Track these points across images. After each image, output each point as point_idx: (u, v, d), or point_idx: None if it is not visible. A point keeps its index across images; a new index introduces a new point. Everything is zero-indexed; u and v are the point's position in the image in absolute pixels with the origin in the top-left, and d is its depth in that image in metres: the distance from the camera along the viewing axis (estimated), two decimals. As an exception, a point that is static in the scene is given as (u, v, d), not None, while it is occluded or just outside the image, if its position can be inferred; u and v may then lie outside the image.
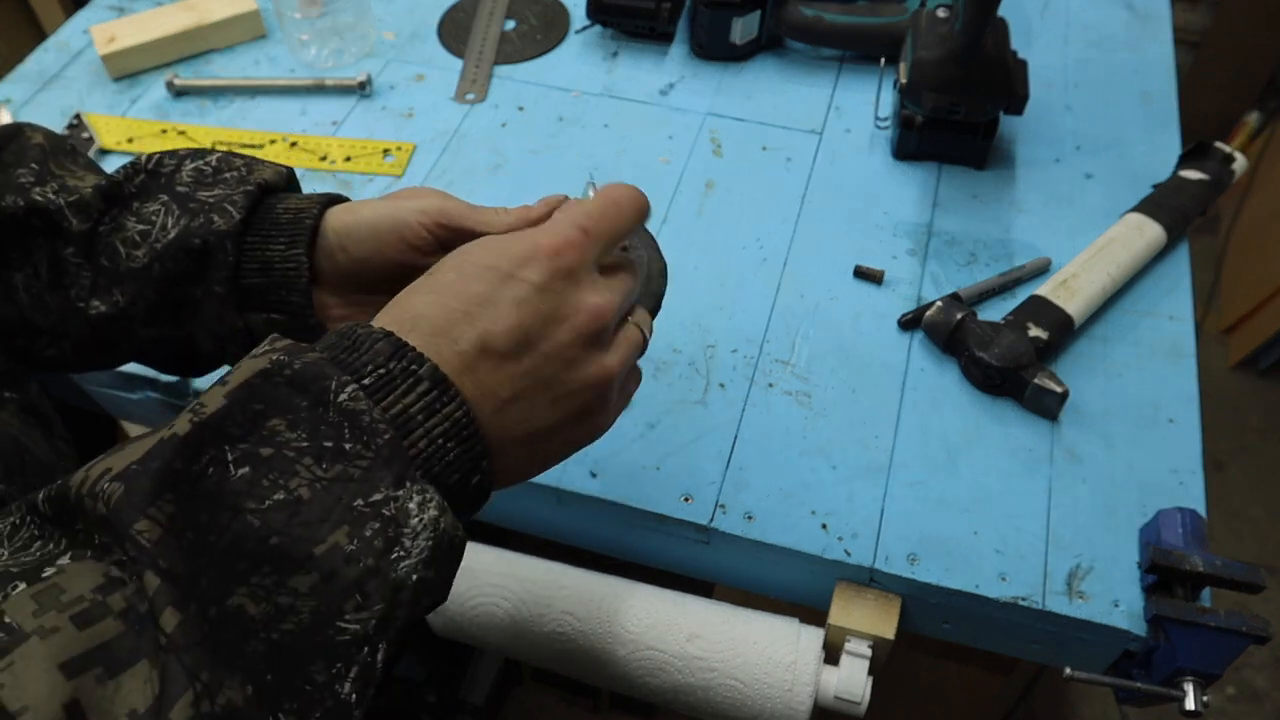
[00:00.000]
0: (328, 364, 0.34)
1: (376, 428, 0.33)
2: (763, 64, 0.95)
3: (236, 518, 0.31)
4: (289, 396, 0.33)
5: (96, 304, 0.49)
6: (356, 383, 0.34)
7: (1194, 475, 0.66)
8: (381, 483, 0.33)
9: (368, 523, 0.32)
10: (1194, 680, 0.57)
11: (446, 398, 0.35)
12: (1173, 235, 0.77)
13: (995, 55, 0.78)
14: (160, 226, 0.48)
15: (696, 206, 0.82)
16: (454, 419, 0.35)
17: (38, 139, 0.53)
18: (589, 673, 0.66)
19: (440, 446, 0.35)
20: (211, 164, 0.51)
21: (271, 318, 0.49)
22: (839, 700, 0.61)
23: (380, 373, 0.35)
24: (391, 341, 0.35)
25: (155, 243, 0.48)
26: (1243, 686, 1.51)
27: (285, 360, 0.34)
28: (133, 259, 0.49)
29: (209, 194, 0.49)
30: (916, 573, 0.61)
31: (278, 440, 0.32)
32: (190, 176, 0.50)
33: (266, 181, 0.50)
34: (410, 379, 0.35)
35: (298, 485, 0.32)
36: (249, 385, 0.33)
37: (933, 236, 0.80)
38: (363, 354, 0.35)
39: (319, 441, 0.33)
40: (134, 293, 0.49)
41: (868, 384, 0.70)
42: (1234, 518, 1.69)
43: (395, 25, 0.99)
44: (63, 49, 0.97)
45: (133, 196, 0.50)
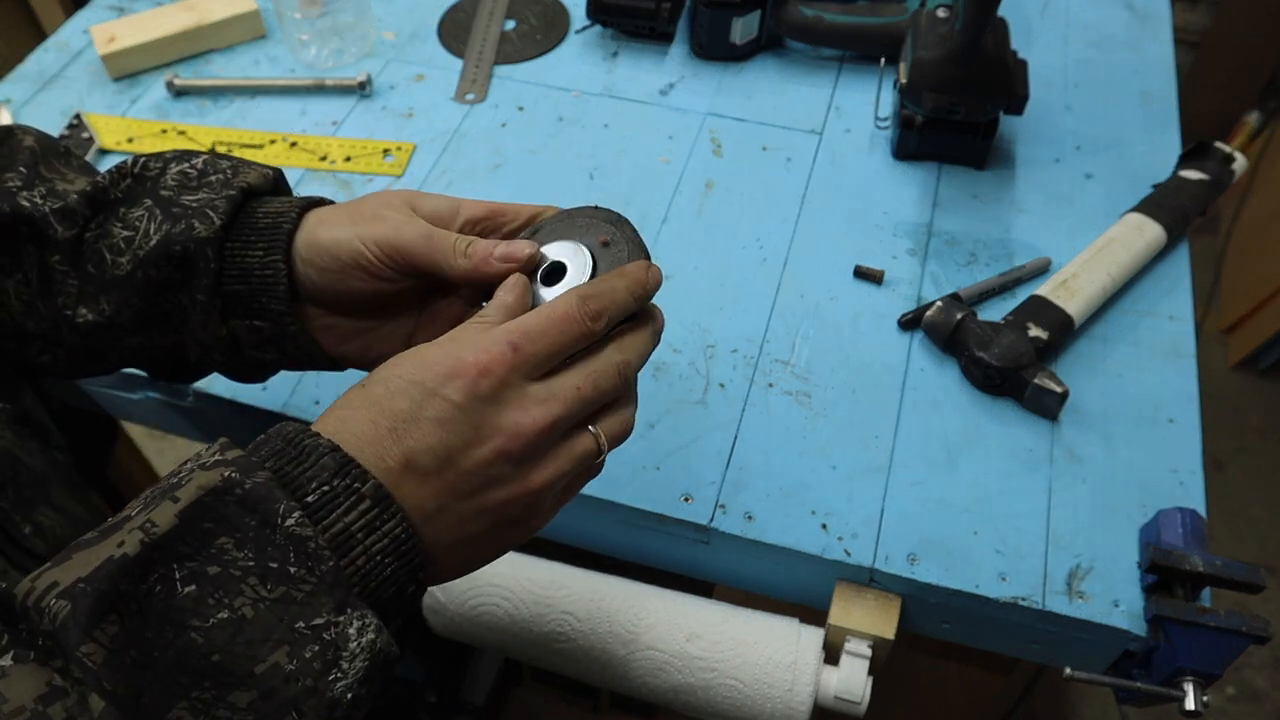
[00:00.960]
0: (276, 485, 0.35)
1: (321, 554, 0.34)
2: (763, 64, 0.95)
3: (181, 634, 0.32)
4: (239, 516, 0.34)
5: (84, 312, 0.49)
6: (301, 506, 0.35)
7: (1194, 475, 0.66)
8: (323, 608, 0.34)
9: (308, 645, 0.33)
10: (1194, 680, 0.57)
11: (387, 515, 0.36)
12: (1173, 235, 0.77)
13: (995, 55, 0.78)
14: (143, 233, 0.48)
15: (696, 206, 0.82)
16: (393, 535, 0.36)
17: (29, 141, 0.52)
18: (589, 673, 0.66)
19: (379, 563, 0.36)
20: (197, 167, 0.50)
21: (254, 324, 0.49)
22: (839, 700, 0.61)
23: (324, 490, 0.36)
24: (337, 458, 0.36)
25: (138, 250, 0.48)
26: (1243, 686, 1.51)
27: (237, 479, 0.34)
28: (117, 266, 0.48)
29: (193, 198, 0.48)
30: (916, 573, 0.61)
31: (225, 559, 0.33)
32: (175, 180, 0.49)
33: (250, 185, 0.50)
34: (353, 496, 0.36)
35: (242, 604, 0.33)
36: (200, 504, 0.34)
37: (933, 236, 0.80)
38: (308, 467, 0.36)
39: (265, 562, 0.34)
40: (120, 301, 0.48)
41: (868, 384, 0.70)
42: (1234, 518, 1.69)
43: (395, 25, 0.99)
44: (63, 49, 0.97)
45: (119, 202, 0.49)
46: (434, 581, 0.40)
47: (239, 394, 0.70)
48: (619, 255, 0.45)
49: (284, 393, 0.70)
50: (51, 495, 0.52)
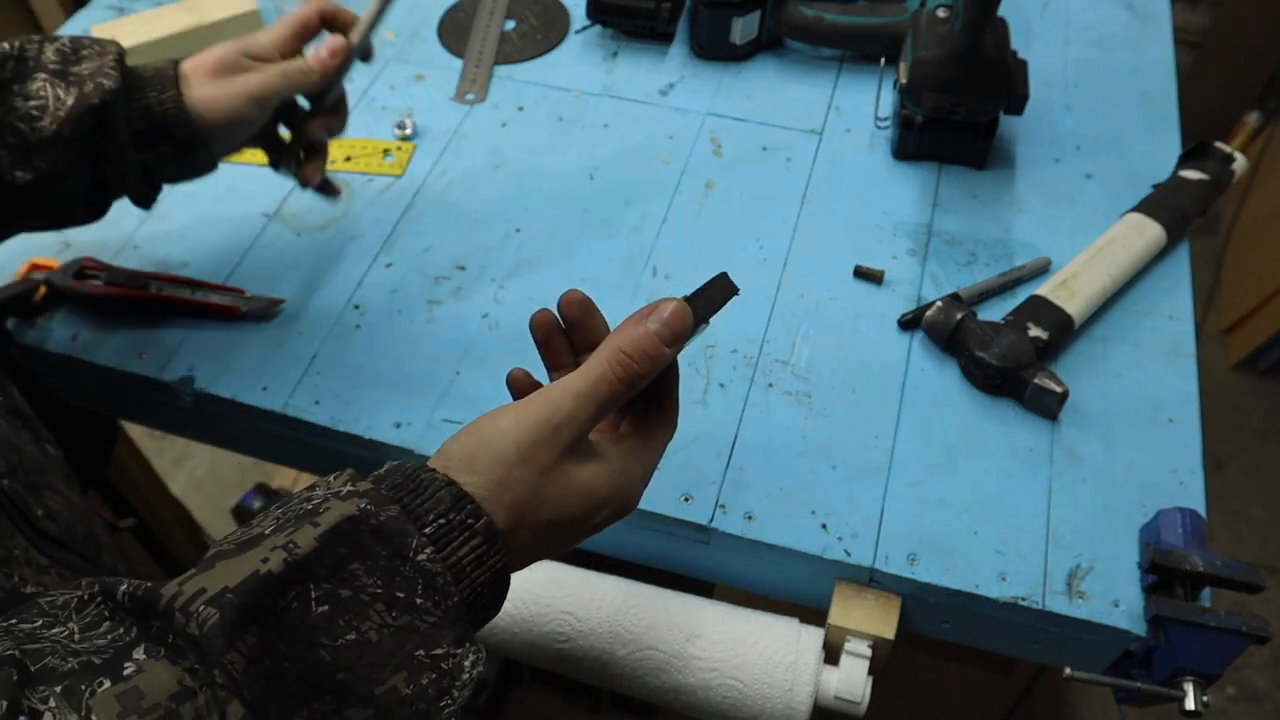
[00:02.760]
0: (408, 520, 0.38)
1: (448, 590, 0.37)
2: (763, 64, 0.95)
3: (310, 650, 0.34)
4: (372, 545, 0.36)
5: (20, 174, 0.58)
6: (432, 542, 0.37)
7: (1194, 475, 0.66)
8: (445, 639, 0.37)
9: (425, 672, 0.36)
10: (1194, 680, 0.57)
11: (493, 551, 0.39)
12: (1173, 235, 0.77)
13: (995, 55, 0.78)
14: (54, 99, 0.58)
15: (696, 206, 0.82)
16: (495, 570, 0.40)
17: None
18: (589, 673, 0.66)
19: (479, 594, 0.39)
20: (66, 45, 0.60)
21: (160, 151, 0.62)
22: (839, 700, 0.61)
23: (441, 522, 0.38)
24: (452, 492, 0.39)
25: (58, 112, 0.58)
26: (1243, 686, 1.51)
27: (371, 510, 0.37)
28: (41, 130, 0.58)
29: (80, 68, 0.59)
30: (916, 572, 0.61)
31: (356, 584, 0.36)
32: (55, 57, 0.59)
33: (121, 51, 0.61)
34: (466, 532, 0.39)
35: (368, 628, 0.35)
36: (338, 530, 0.36)
37: (933, 236, 0.80)
38: (425, 499, 0.39)
39: (393, 591, 0.36)
40: (54, 156, 0.58)
41: (868, 384, 0.70)
42: (1234, 518, 1.69)
43: (395, 25, 0.99)
44: (63, 49, 0.97)
45: (10, 82, 0.58)
46: None
47: (239, 394, 0.70)
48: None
49: (284, 393, 0.70)
50: (51, 482, 0.53)
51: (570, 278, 0.76)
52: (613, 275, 0.77)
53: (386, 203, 0.83)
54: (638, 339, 0.43)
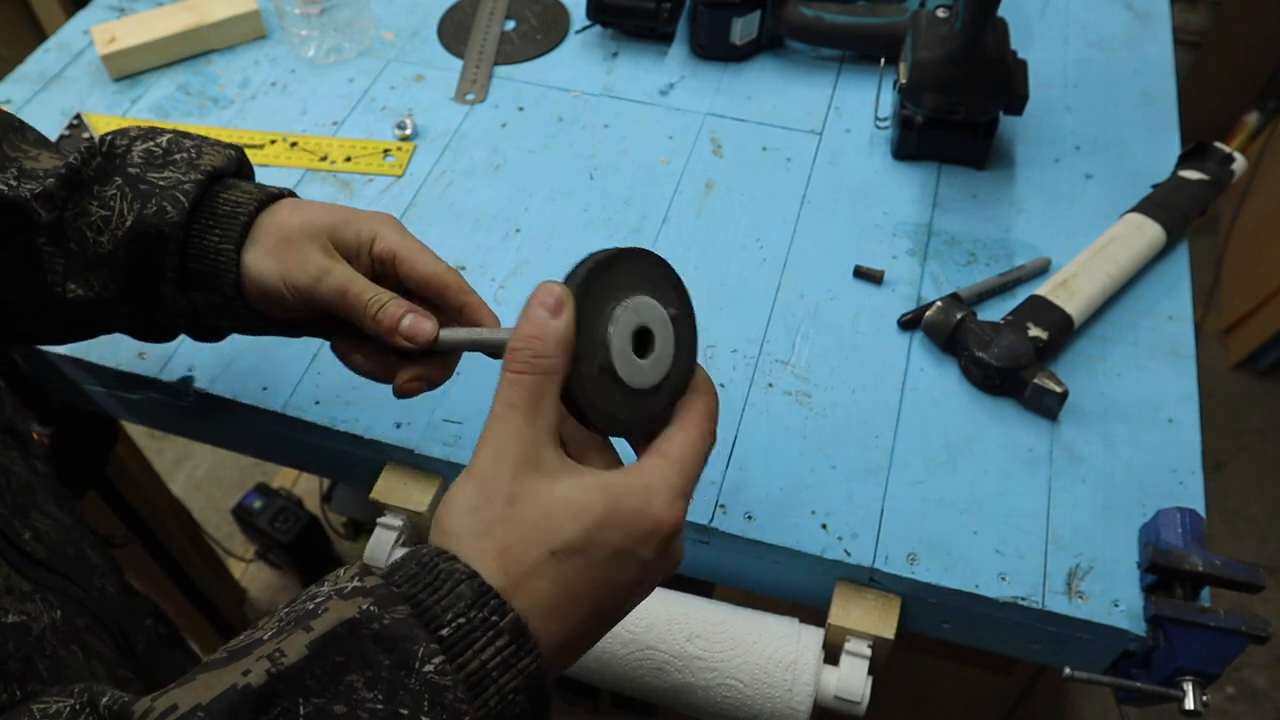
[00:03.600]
0: (417, 623, 0.33)
1: (459, 709, 0.33)
2: (763, 64, 0.95)
3: None
4: (373, 653, 0.32)
5: (74, 288, 0.52)
6: (441, 649, 0.33)
7: (1194, 475, 0.66)
8: None
9: None
10: (1193, 680, 0.57)
11: (524, 651, 0.34)
12: (1172, 235, 0.77)
13: (995, 55, 0.78)
14: (118, 213, 0.51)
15: (696, 206, 0.82)
16: (529, 673, 0.35)
17: None
18: (589, 673, 0.66)
19: (510, 701, 0.34)
20: (162, 145, 0.53)
21: (211, 298, 0.53)
22: (839, 700, 0.61)
23: (460, 621, 0.34)
24: (473, 586, 0.34)
25: (116, 230, 0.51)
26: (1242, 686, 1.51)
27: (375, 613, 0.33)
28: (99, 245, 0.51)
29: (160, 176, 0.51)
30: (916, 572, 0.61)
31: (353, 698, 0.32)
32: (141, 158, 0.52)
33: (215, 168, 0.52)
34: (490, 631, 0.34)
35: None
36: (334, 635, 0.32)
37: (933, 236, 0.80)
38: (443, 595, 0.34)
39: (395, 707, 0.32)
40: (106, 278, 0.52)
41: (868, 384, 0.70)
42: (1234, 518, 1.69)
43: (395, 25, 0.99)
44: (63, 49, 0.97)
45: (92, 180, 0.52)
46: None
47: (239, 394, 0.70)
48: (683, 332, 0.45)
49: (284, 393, 0.70)
50: (40, 503, 0.52)
51: (570, 278, 0.76)
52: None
53: (386, 203, 0.83)
54: (520, 326, 0.39)
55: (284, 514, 1.50)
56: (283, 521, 1.50)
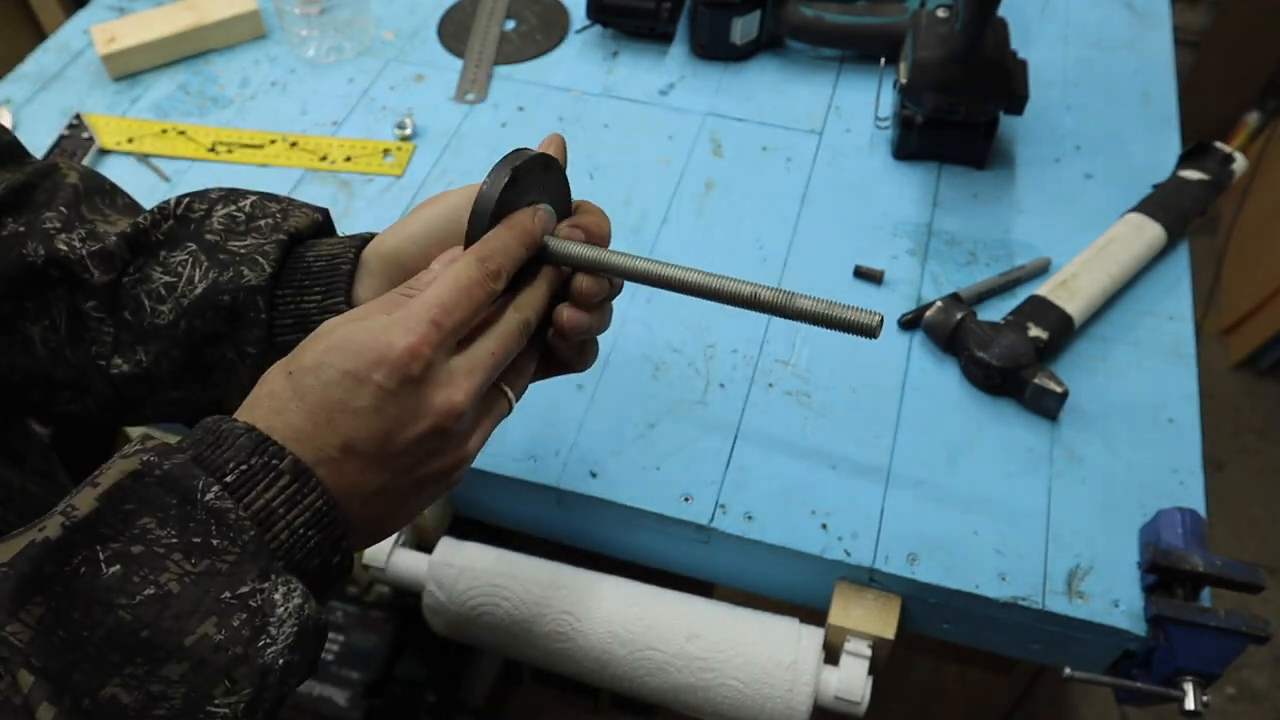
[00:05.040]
0: (194, 464, 0.35)
1: (242, 524, 0.35)
2: (763, 64, 0.95)
3: (109, 613, 0.33)
4: (159, 496, 0.35)
5: (119, 362, 0.47)
6: (220, 482, 0.35)
7: (1194, 475, 0.66)
8: (248, 576, 0.35)
9: (235, 614, 0.34)
10: (1194, 680, 0.57)
11: (307, 489, 0.37)
12: (1173, 235, 0.77)
13: (995, 55, 0.78)
14: (187, 280, 0.46)
15: (696, 206, 0.82)
16: (315, 509, 0.37)
17: (72, 179, 0.50)
18: (589, 673, 0.66)
19: (301, 536, 0.37)
20: (245, 210, 0.48)
21: None
22: (839, 700, 0.61)
23: (242, 469, 0.36)
24: (253, 437, 0.37)
25: (182, 298, 0.45)
26: (1243, 686, 1.51)
27: (155, 461, 0.35)
28: (158, 314, 0.46)
29: (240, 244, 0.46)
30: (916, 573, 0.61)
31: (148, 538, 0.34)
32: (222, 224, 0.47)
33: (299, 230, 0.48)
34: (271, 474, 0.36)
35: (168, 580, 0.33)
36: (120, 487, 0.34)
37: (933, 236, 0.80)
38: (225, 450, 0.36)
39: (188, 538, 0.34)
40: (159, 351, 0.46)
41: (868, 384, 0.70)
42: (1234, 518, 1.69)
43: (395, 25, 0.99)
44: (63, 49, 0.97)
45: (159, 245, 0.47)
46: (358, 547, 0.41)
47: (239, 394, 0.70)
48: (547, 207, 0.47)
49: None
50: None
51: (570, 278, 0.76)
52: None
53: (386, 203, 0.83)
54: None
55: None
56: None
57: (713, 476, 0.65)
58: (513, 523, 0.71)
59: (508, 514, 0.71)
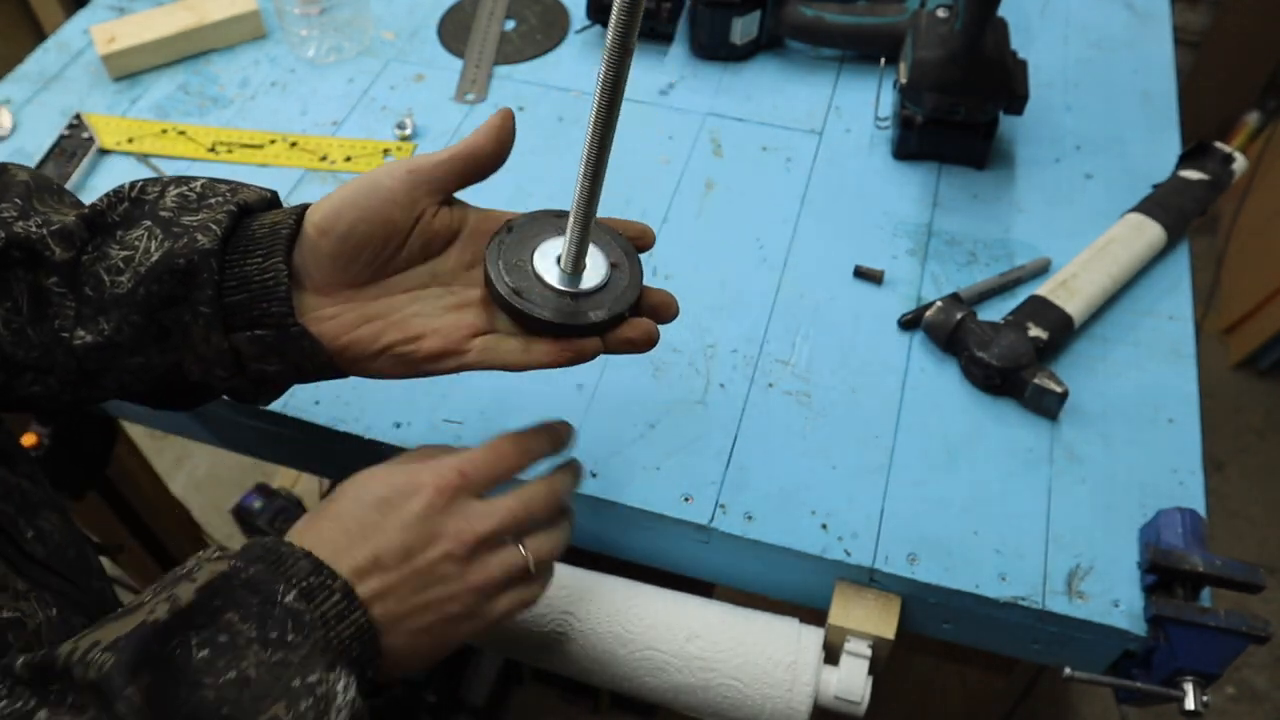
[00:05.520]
0: (275, 573, 0.42)
1: (315, 624, 0.42)
2: (763, 64, 0.95)
3: (196, 691, 0.38)
4: (244, 596, 0.41)
5: (82, 334, 0.49)
6: (295, 588, 0.42)
7: (1194, 475, 0.66)
8: (316, 666, 0.41)
9: (302, 699, 0.40)
10: (1194, 680, 0.57)
11: (353, 607, 0.44)
12: (1173, 235, 0.77)
13: (995, 55, 0.78)
14: (144, 250, 0.48)
15: (696, 206, 0.82)
16: (358, 624, 0.44)
17: (22, 176, 0.52)
18: (589, 673, 0.66)
19: (348, 646, 0.43)
20: (196, 190, 0.51)
21: (255, 334, 0.49)
22: (839, 700, 0.61)
23: (304, 584, 0.43)
24: (311, 559, 0.44)
25: (139, 266, 0.48)
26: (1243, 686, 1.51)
27: (240, 567, 0.42)
28: (117, 285, 0.48)
29: (193, 219, 0.49)
30: (916, 572, 0.61)
31: (233, 630, 0.40)
32: (174, 202, 0.50)
33: (248, 203, 0.51)
34: (326, 590, 0.43)
35: (247, 666, 0.39)
36: (212, 586, 0.41)
37: (933, 236, 0.80)
38: (288, 568, 0.43)
39: (266, 632, 0.40)
40: (120, 319, 0.48)
41: (868, 384, 0.70)
42: (1234, 517, 1.69)
43: (395, 25, 0.99)
44: (63, 49, 0.97)
45: (116, 225, 0.50)
46: (389, 671, 0.47)
47: (239, 394, 0.70)
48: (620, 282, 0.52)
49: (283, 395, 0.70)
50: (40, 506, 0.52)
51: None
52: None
53: (386, 203, 0.83)
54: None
55: (284, 514, 1.50)
56: (283, 521, 1.50)
57: (713, 476, 0.65)
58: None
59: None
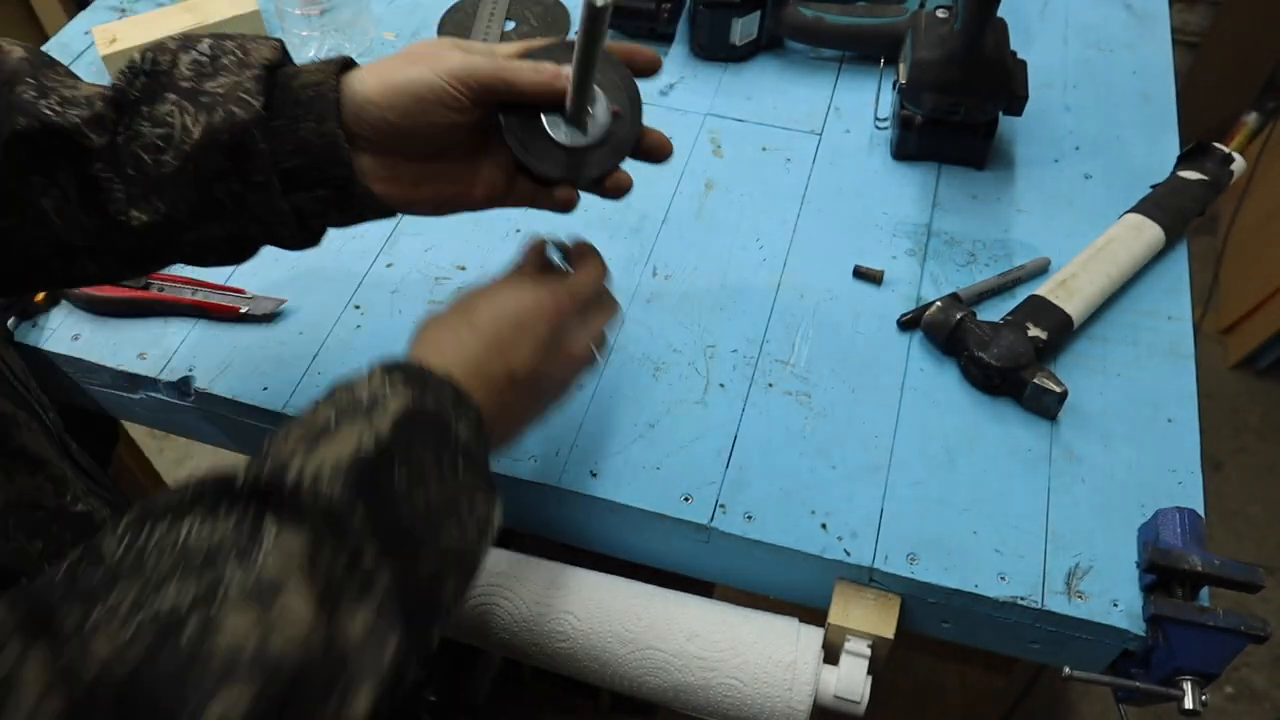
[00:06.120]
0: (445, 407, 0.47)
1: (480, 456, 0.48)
2: (763, 64, 0.95)
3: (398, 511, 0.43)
4: (425, 428, 0.45)
5: (136, 214, 0.49)
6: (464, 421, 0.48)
7: (1193, 475, 0.66)
8: (480, 495, 0.47)
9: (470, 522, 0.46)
10: (1192, 679, 0.57)
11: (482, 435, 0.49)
12: (1172, 235, 0.77)
13: (995, 55, 0.78)
14: (181, 128, 0.48)
15: (696, 206, 0.82)
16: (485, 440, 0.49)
17: (17, 53, 0.51)
18: (589, 673, 0.66)
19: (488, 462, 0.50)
20: (205, 52, 0.50)
21: (317, 194, 0.51)
22: (839, 700, 0.61)
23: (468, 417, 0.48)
24: (453, 388, 0.48)
25: (181, 144, 0.48)
26: (1241, 686, 1.52)
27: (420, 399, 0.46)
28: (162, 165, 0.48)
29: (215, 84, 0.48)
30: (916, 572, 0.61)
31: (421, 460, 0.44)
32: (190, 70, 0.49)
33: (269, 60, 0.50)
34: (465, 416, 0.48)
35: (432, 491, 0.44)
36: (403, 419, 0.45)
37: (932, 236, 0.80)
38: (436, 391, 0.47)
39: (443, 464, 0.45)
40: (174, 198, 0.49)
41: (868, 384, 0.70)
42: (1233, 517, 1.69)
43: (395, 25, 0.99)
44: (64, 50, 0.97)
45: (139, 101, 0.49)
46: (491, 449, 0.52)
47: (239, 394, 0.70)
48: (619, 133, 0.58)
49: (284, 393, 0.70)
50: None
51: (570, 278, 0.76)
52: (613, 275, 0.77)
53: (387, 203, 0.83)
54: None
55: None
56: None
57: (713, 476, 0.65)
58: (513, 522, 0.72)
59: (508, 513, 0.70)
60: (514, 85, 0.51)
